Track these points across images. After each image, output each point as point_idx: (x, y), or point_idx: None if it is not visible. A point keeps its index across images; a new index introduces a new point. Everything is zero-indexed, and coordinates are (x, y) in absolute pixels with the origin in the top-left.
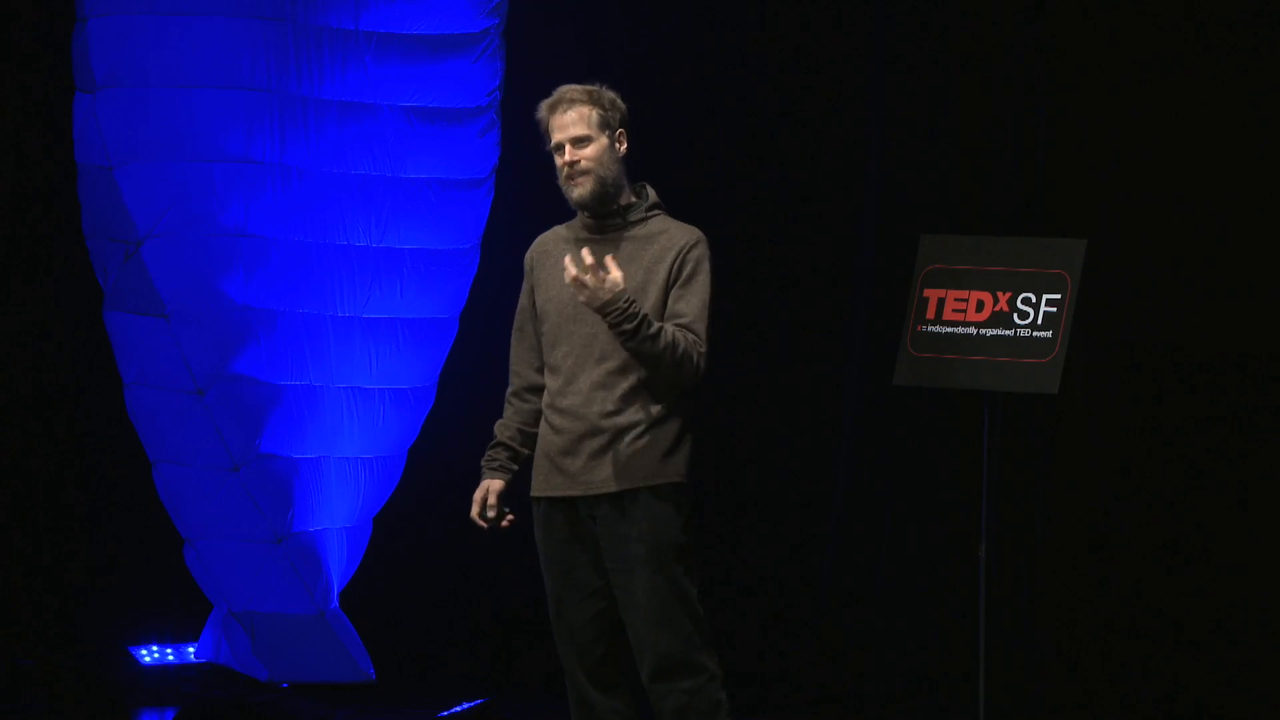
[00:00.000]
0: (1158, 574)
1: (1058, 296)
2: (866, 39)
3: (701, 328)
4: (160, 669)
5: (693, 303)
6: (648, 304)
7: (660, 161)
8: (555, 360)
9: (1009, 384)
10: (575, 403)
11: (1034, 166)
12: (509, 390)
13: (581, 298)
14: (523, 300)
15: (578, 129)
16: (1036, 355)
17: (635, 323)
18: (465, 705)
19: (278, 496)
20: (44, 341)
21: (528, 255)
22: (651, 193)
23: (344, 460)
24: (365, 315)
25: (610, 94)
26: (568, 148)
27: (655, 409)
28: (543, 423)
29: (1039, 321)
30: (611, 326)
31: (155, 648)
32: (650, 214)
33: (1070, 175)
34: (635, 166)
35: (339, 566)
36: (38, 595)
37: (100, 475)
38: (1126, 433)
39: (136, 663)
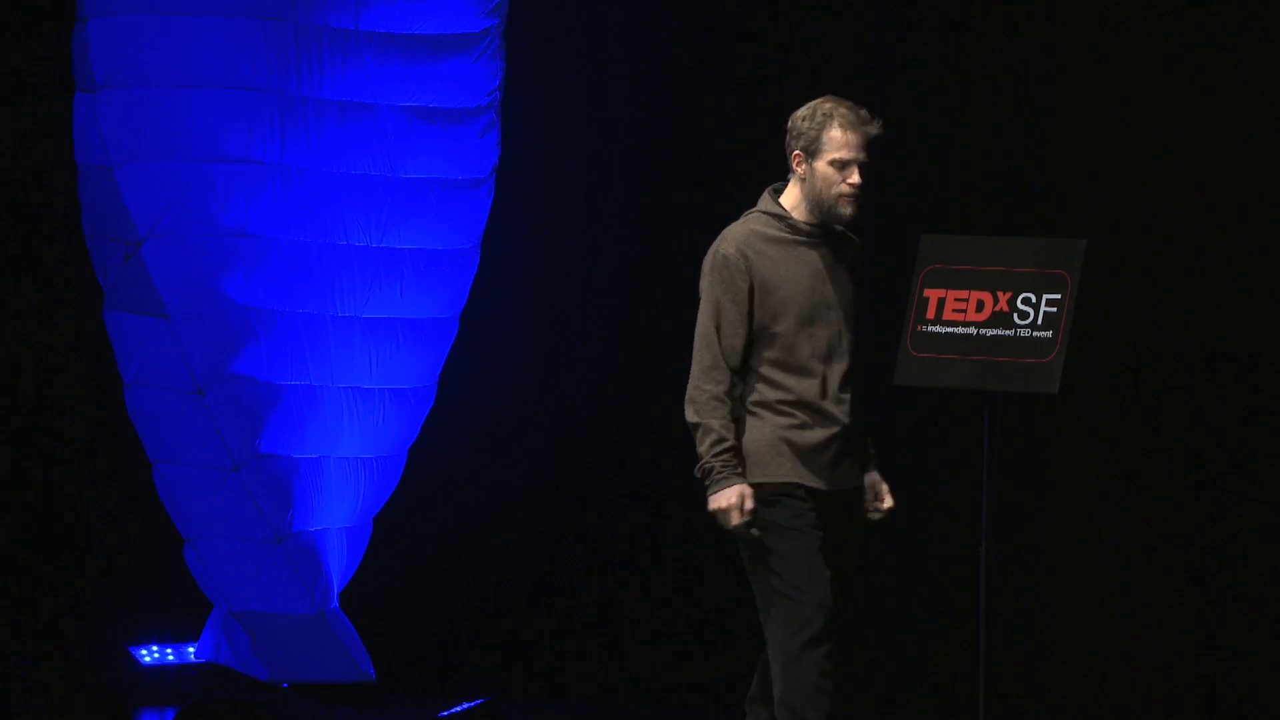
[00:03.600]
0: (1158, 574)
1: (1058, 296)
2: (866, 39)
3: None
4: (160, 669)
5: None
6: (856, 306)
7: (660, 161)
8: (798, 361)
9: (1009, 384)
10: (829, 405)
11: (1034, 166)
12: (720, 389)
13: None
14: (723, 300)
15: (867, 154)
16: (1036, 355)
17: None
18: (465, 705)
19: (278, 496)
20: (44, 341)
21: (732, 256)
22: None
23: (344, 460)
24: (365, 315)
25: None
26: (857, 170)
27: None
28: (779, 416)
29: (1039, 321)
30: None
31: (155, 648)
32: None
33: (1070, 175)
34: (637, 162)
35: (339, 566)
36: (37, 596)
37: (100, 475)
38: (1126, 433)
39: (136, 663)
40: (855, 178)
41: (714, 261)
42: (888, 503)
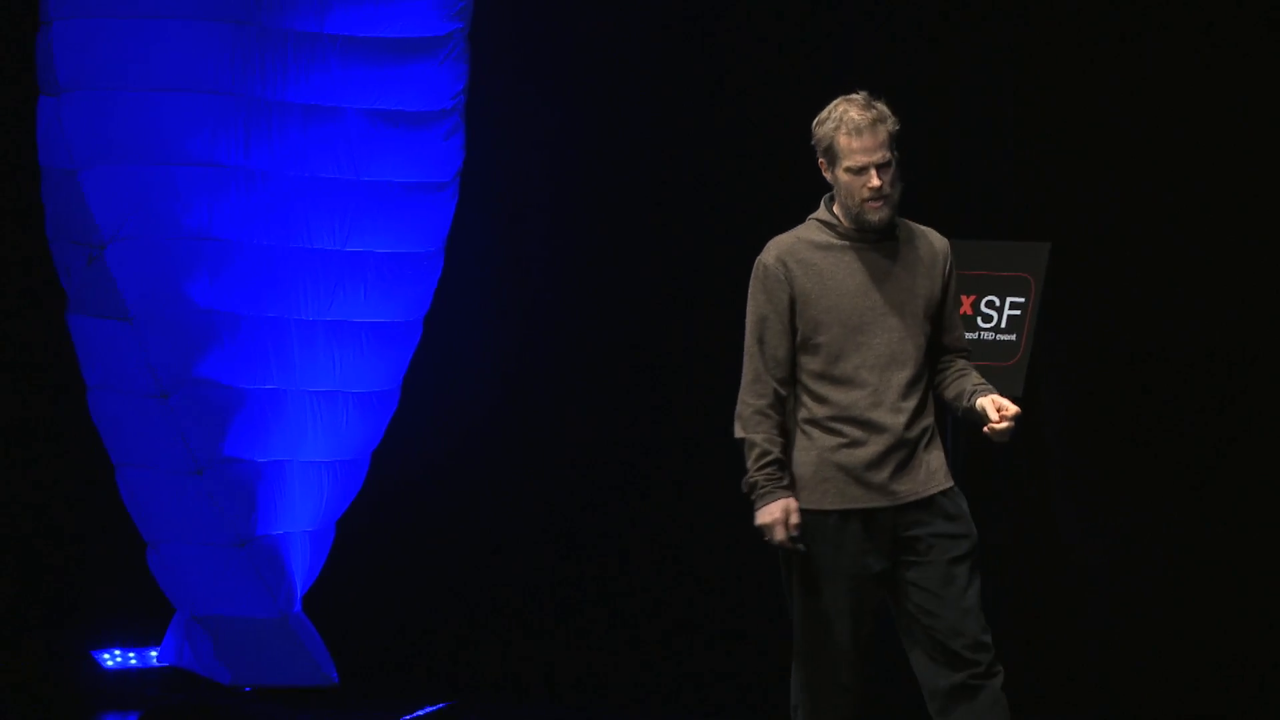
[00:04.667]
0: (1122, 575)
1: (1021, 300)
2: (834, 43)
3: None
4: (123, 673)
5: (958, 314)
6: (934, 309)
7: (625, 164)
8: (845, 372)
9: None
10: (882, 415)
11: (999, 170)
12: (764, 403)
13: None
14: (765, 311)
15: (884, 153)
16: (1000, 358)
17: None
18: (428, 709)
19: (241, 500)
20: (6, 344)
21: (771, 266)
22: None
23: (307, 464)
24: (329, 318)
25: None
26: (874, 173)
27: (931, 415)
28: (827, 435)
29: (1003, 324)
30: None
31: (118, 651)
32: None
33: (1034, 179)
34: (602, 166)
35: (302, 570)
36: None
37: (64, 479)
38: (1090, 435)
39: (99, 666)
40: (874, 181)
41: (756, 272)
42: (1011, 409)
